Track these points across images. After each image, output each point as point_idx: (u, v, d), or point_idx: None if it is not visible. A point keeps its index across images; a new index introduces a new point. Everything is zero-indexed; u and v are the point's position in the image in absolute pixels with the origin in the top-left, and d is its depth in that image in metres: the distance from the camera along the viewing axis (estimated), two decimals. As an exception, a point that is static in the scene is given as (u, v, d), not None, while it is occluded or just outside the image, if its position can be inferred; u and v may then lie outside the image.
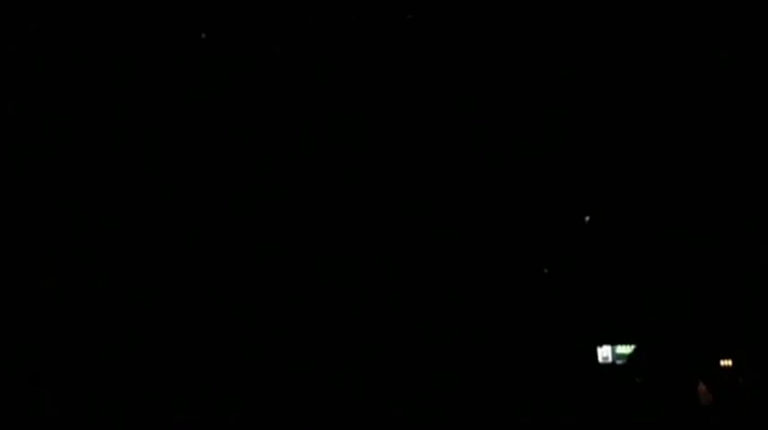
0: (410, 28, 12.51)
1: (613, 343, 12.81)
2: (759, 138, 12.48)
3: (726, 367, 12.23)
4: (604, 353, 12.86)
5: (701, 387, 11.27)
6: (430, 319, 12.70)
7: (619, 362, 12.76)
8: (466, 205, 12.95)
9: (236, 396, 12.48)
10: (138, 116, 12.77)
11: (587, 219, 12.94)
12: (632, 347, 12.80)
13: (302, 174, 12.99)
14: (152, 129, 12.80)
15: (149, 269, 12.94)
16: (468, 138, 12.94)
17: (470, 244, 12.91)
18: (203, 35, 12.42)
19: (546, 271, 12.78)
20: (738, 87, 12.68)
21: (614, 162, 12.88)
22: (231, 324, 12.78)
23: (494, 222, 12.94)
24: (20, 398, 12.35)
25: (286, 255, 12.99)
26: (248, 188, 12.93)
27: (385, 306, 12.76)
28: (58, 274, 12.84)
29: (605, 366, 12.78)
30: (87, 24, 12.44)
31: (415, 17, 12.40)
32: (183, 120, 12.83)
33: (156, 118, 12.79)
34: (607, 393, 12.27)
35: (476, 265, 12.88)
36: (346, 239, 13.03)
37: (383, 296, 12.78)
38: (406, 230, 12.91)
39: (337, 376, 12.57)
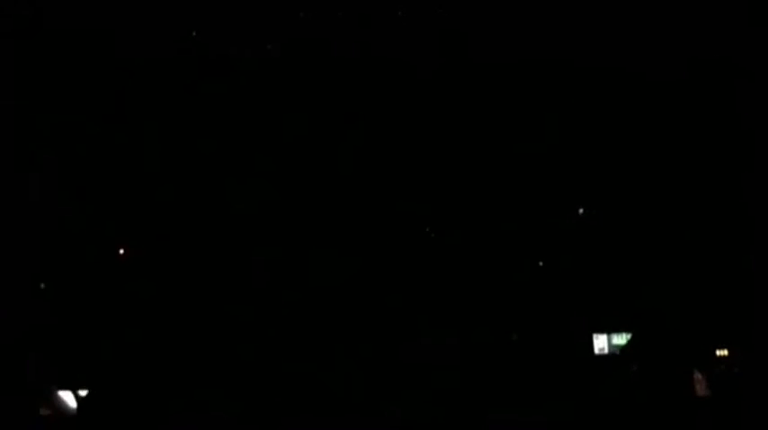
0: (400, 25, 12.56)
1: (609, 332, 12.69)
2: (753, 129, 12.39)
3: (722, 357, 12.08)
4: (600, 343, 12.75)
5: (697, 376, 11.11)
6: (426, 314, 12.65)
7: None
8: (461, 199, 12.92)
9: (234, 396, 12.43)
10: (132, 114, 12.87)
11: (581, 211, 12.87)
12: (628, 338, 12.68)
13: (297, 172, 13.03)
14: (147, 127, 12.89)
15: (149, 269, 12.99)
16: (462, 133, 12.94)
17: (465, 238, 12.87)
18: (194, 33, 12.52)
19: (541, 264, 12.70)
20: (734, 84, 12.61)
21: (611, 154, 12.82)
22: (230, 324, 12.76)
23: (488, 216, 12.89)
24: (18, 397, 12.36)
25: (285, 255, 12.99)
26: (243, 184, 12.97)
27: (380, 296, 12.73)
28: (56, 274, 12.92)
29: (601, 357, 12.68)
30: (82, 25, 12.57)
31: (404, 14, 12.44)
32: (179, 119, 12.92)
33: (151, 116, 12.89)
34: (603, 383, 12.11)
35: (471, 259, 12.84)
36: (345, 239, 13.01)
37: (378, 286, 12.76)
38: (400, 221, 12.90)
39: (336, 376, 12.50)
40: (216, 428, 12.10)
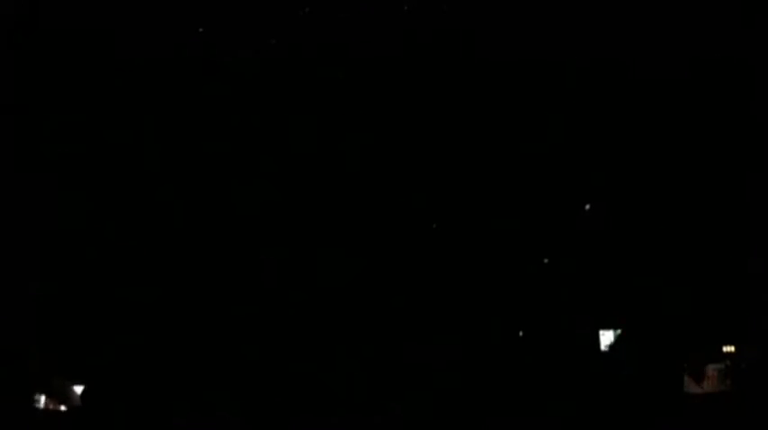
0: (406, 20, 12.60)
1: (616, 328, 12.65)
2: (754, 128, 12.46)
3: (728, 353, 12.09)
4: (607, 340, 12.71)
5: (697, 373, 11.13)
6: (428, 311, 12.64)
7: None
8: (464, 196, 12.93)
9: (235, 397, 12.41)
10: (135, 113, 12.86)
11: (587, 207, 12.89)
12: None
13: (299, 171, 13.03)
14: (150, 126, 12.88)
15: (149, 269, 12.97)
16: (465, 130, 12.96)
17: (469, 235, 12.88)
18: (200, 29, 12.54)
19: (546, 261, 12.71)
20: (742, 85, 12.67)
21: (619, 150, 12.84)
22: (232, 324, 12.75)
23: (492, 213, 12.91)
24: (18, 399, 12.33)
25: (286, 254, 12.98)
26: (246, 184, 12.96)
27: (383, 295, 12.72)
28: (57, 275, 12.89)
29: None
30: (81, 23, 12.57)
31: (411, 8, 12.48)
32: (182, 117, 12.91)
33: (154, 114, 12.88)
34: (611, 382, 12.12)
35: (474, 256, 12.84)
36: (345, 238, 13.01)
37: (381, 285, 12.75)
38: (401, 220, 12.90)
39: (337, 375, 12.49)
40: (217, 427, 12.10)
